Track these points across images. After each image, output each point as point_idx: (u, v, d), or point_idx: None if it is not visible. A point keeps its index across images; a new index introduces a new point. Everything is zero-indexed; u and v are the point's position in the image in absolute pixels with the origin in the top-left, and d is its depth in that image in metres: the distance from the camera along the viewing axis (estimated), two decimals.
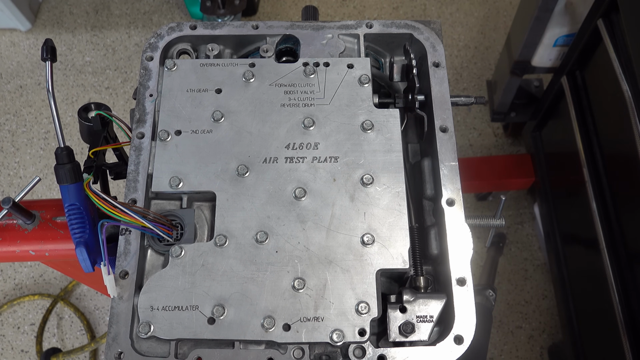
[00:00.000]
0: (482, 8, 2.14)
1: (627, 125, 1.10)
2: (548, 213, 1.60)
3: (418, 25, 0.82)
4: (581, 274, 1.44)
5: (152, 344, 0.67)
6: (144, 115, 0.76)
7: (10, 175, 1.96)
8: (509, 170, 1.72)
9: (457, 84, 2.01)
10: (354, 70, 0.78)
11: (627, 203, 1.20)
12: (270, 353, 0.64)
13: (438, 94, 0.76)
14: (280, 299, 0.66)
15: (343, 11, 2.17)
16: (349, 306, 0.65)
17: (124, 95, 2.07)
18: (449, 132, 0.74)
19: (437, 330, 0.68)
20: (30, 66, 2.12)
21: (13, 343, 1.74)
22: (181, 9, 2.21)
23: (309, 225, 0.69)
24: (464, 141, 1.92)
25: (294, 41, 0.82)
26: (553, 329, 1.67)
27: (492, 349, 1.66)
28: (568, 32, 1.38)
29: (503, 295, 1.71)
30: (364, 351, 0.65)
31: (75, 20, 2.20)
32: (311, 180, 0.71)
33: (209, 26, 0.82)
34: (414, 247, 0.71)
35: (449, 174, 0.72)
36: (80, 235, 0.69)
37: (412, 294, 0.67)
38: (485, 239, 1.59)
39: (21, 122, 2.04)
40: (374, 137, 0.74)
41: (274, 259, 0.67)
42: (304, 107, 0.76)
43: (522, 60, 1.50)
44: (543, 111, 1.59)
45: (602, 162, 1.29)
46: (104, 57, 2.13)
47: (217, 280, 0.66)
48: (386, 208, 0.70)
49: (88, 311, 1.77)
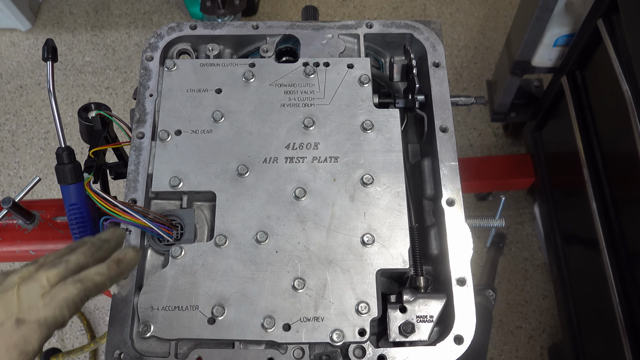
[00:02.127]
0: (482, 8, 2.14)
1: (627, 125, 1.10)
2: (548, 213, 1.60)
3: (418, 25, 0.82)
4: (581, 274, 1.44)
5: (152, 344, 0.67)
6: (144, 115, 0.76)
7: (10, 175, 1.96)
8: (509, 170, 1.72)
9: (457, 84, 2.01)
10: (354, 70, 0.78)
11: (627, 203, 1.20)
12: (270, 353, 0.64)
13: (438, 94, 0.76)
14: (280, 299, 0.66)
15: (343, 11, 2.17)
16: (349, 306, 0.65)
17: (124, 95, 2.07)
18: (449, 132, 0.74)
19: (437, 330, 0.68)
20: (30, 66, 2.12)
21: None
22: (181, 9, 2.21)
23: (309, 225, 0.69)
24: (464, 141, 1.92)
25: (294, 41, 0.82)
26: (553, 329, 1.67)
27: (492, 349, 1.66)
28: (568, 32, 1.38)
29: (503, 295, 1.71)
30: (364, 351, 0.65)
31: (75, 20, 2.20)
32: (311, 180, 0.71)
33: (209, 26, 0.82)
34: (414, 247, 0.71)
35: (449, 174, 0.72)
36: (80, 234, 0.69)
37: (412, 294, 0.67)
38: (485, 239, 1.59)
39: (21, 122, 2.04)
40: (374, 137, 0.74)
41: (274, 259, 0.67)
42: (304, 107, 0.76)
43: (522, 60, 1.50)
44: (543, 111, 1.59)
45: (602, 162, 1.29)
46: (104, 57, 2.13)
47: (217, 280, 0.66)
48: (386, 208, 0.70)
49: (88, 311, 1.77)
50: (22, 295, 0.48)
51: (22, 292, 0.48)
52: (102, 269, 0.53)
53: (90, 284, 0.51)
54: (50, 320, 0.48)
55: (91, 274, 0.52)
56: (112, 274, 0.53)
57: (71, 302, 0.49)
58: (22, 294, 0.48)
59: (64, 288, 0.49)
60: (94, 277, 0.52)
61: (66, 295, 0.49)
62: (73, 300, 0.49)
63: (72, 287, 0.50)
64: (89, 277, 0.51)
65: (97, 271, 0.52)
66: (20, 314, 0.47)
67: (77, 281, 0.50)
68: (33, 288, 0.49)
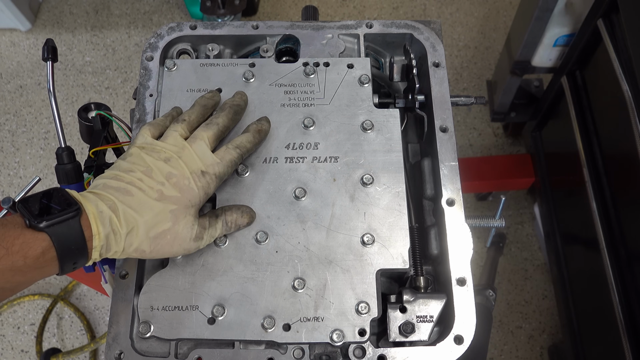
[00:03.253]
0: (482, 8, 2.14)
1: (627, 125, 1.10)
2: (548, 213, 1.60)
3: (418, 25, 0.82)
4: (581, 274, 1.44)
5: (152, 344, 0.67)
6: (144, 115, 0.76)
7: (10, 175, 1.97)
8: (509, 170, 1.72)
9: (457, 84, 2.01)
10: (354, 70, 0.78)
11: (627, 203, 1.20)
12: (270, 353, 0.64)
13: (438, 94, 0.76)
14: (280, 299, 0.66)
15: (343, 11, 2.18)
16: (349, 306, 0.65)
17: (124, 95, 2.08)
18: (449, 132, 0.74)
19: (437, 330, 0.68)
20: (30, 66, 2.12)
21: (13, 343, 1.74)
22: (181, 9, 2.21)
23: (309, 225, 0.69)
24: (464, 141, 1.92)
25: (294, 41, 0.82)
26: (553, 329, 1.67)
27: (492, 349, 1.66)
28: (568, 32, 1.38)
29: (503, 295, 1.71)
30: (364, 351, 0.65)
31: (75, 20, 2.20)
32: (311, 180, 0.71)
33: (209, 26, 0.82)
34: (414, 247, 0.71)
35: (449, 174, 0.72)
36: None
37: (412, 294, 0.67)
38: (485, 239, 1.59)
39: (21, 122, 2.04)
40: (374, 137, 0.74)
41: (274, 259, 0.67)
42: (304, 107, 0.76)
43: (522, 60, 1.50)
44: (543, 111, 1.59)
45: (602, 162, 1.29)
46: (104, 57, 2.14)
47: (217, 280, 0.66)
48: (386, 208, 0.70)
49: (88, 311, 1.77)
50: (198, 153, 0.63)
51: (197, 151, 0.63)
52: (250, 137, 0.68)
53: (244, 150, 0.67)
54: (222, 174, 0.64)
55: (244, 142, 0.67)
56: (256, 141, 0.69)
57: (233, 162, 0.65)
58: (198, 152, 0.63)
59: (228, 152, 0.65)
60: (246, 144, 0.67)
61: (231, 158, 0.65)
62: (234, 161, 0.65)
63: (234, 151, 0.65)
64: (243, 144, 0.67)
65: (247, 139, 0.67)
66: (203, 167, 0.63)
67: (236, 147, 0.66)
68: (202, 148, 0.64)
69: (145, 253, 0.60)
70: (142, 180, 0.60)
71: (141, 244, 0.59)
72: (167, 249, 0.61)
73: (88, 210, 0.55)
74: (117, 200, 0.57)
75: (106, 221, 0.56)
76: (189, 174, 0.61)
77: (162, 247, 0.60)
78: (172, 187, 0.60)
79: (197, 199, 0.62)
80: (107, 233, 0.56)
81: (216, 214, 0.65)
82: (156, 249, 0.60)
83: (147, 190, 0.59)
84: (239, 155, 0.66)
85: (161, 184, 0.60)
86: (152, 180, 0.60)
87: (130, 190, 0.59)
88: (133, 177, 0.60)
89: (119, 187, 0.59)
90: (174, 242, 0.61)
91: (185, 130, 0.65)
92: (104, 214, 0.56)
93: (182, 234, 0.61)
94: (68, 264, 0.55)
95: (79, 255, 0.55)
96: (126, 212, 0.57)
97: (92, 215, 0.55)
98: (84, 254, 0.55)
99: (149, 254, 0.60)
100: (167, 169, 0.61)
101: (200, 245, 0.64)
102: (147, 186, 0.59)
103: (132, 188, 0.59)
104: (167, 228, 0.59)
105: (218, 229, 0.65)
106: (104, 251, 0.57)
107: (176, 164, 0.62)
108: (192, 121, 0.67)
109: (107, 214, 0.56)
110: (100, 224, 0.55)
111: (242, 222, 0.67)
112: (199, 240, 0.63)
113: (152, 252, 0.60)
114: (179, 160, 0.62)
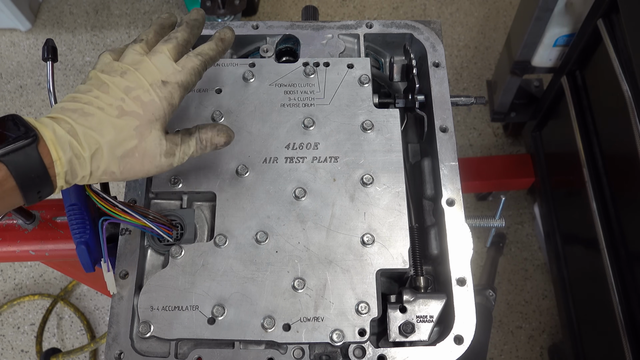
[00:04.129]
0: (482, 8, 2.14)
1: (627, 125, 1.10)
2: (548, 213, 1.60)
3: (418, 25, 0.82)
4: (581, 274, 1.44)
5: (152, 344, 0.67)
6: None
7: None
8: (509, 170, 1.72)
9: (457, 84, 2.01)
10: (354, 70, 0.78)
11: (627, 203, 1.20)
12: (270, 353, 0.64)
13: (438, 94, 0.76)
14: (280, 299, 0.66)
15: (343, 11, 2.17)
16: (349, 306, 0.65)
17: None
18: (449, 132, 0.74)
19: (437, 330, 0.68)
20: (30, 66, 2.12)
21: (13, 343, 1.74)
22: (181, 9, 2.21)
23: (309, 225, 0.69)
24: (464, 141, 1.92)
25: (294, 41, 0.82)
26: (553, 329, 1.67)
27: (492, 349, 1.66)
28: (568, 32, 1.38)
29: (503, 295, 1.71)
30: (364, 351, 0.65)
31: (75, 20, 2.20)
32: (311, 180, 0.71)
33: (209, 26, 0.82)
34: (414, 247, 0.71)
35: (449, 174, 0.72)
36: (80, 235, 0.69)
37: (412, 294, 0.67)
38: (485, 239, 1.59)
39: None
40: (374, 137, 0.74)
41: (274, 259, 0.67)
42: (304, 107, 0.76)
43: (522, 60, 1.50)
44: (543, 111, 1.59)
45: (602, 162, 1.29)
46: None
47: (217, 280, 0.66)
48: (386, 208, 0.70)
49: (88, 311, 1.77)
50: (157, 65, 0.60)
51: (156, 63, 0.60)
52: (212, 45, 0.65)
53: (207, 57, 0.63)
54: (185, 83, 0.61)
55: (206, 49, 0.64)
56: (220, 49, 0.66)
57: (197, 70, 0.62)
58: (156, 64, 0.60)
59: (189, 59, 0.62)
60: (208, 51, 0.64)
61: (193, 65, 0.62)
62: (198, 69, 0.62)
63: (195, 59, 0.62)
64: (205, 52, 0.63)
65: (209, 47, 0.64)
66: (164, 77, 0.60)
67: (198, 54, 0.63)
68: (162, 59, 0.60)
69: (116, 174, 0.58)
70: (99, 98, 0.57)
71: (109, 165, 0.57)
72: (138, 167, 0.59)
73: (45, 136, 0.53)
74: (75, 122, 0.55)
75: (66, 145, 0.54)
76: (148, 86, 0.59)
77: (132, 167, 0.58)
78: (132, 101, 0.58)
79: (160, 111, 0.59)
80: (69, 158, 0.54)
81: (190, 132, 0.63)
82: (126, 169, 0.58)
83: (106, 108, 0.57)
84: (201, 63, 0.62)
85: (121, 99, 0.57)
86: (110, 97, 0.57)
87: (89, 110, 0.56)
88: (90, 96, 0.57)
89: (76, 109, 0.56)
90: (144, 159, 0.59)
91: (143, 48, 0.62)
92: (63, 139, 0.54)
93: (151, 151, 0.59)
94: (31, 193, 0.53)
95: (41, 183, 0.53)
96: (86, 133, 0.55)
97: (50, 140, 0.53)
98: (47, 182, 0.53)
99: (120, 175, 0.58)
100: (125, 83, 0.58)
101: (174, 163, 0.62)
102: (105, 104, 0.57)
103: (90, 108, 0.56)
104: (134, 145, 0.57)
105: (192, 146, 0.62)
106: (70, 178, 0.55)
107: (133, 76, 0.59)
108: (150, 40, 0.63)
109: (65, 138, 0.54)
110: (60, 148, 0.53)
111: (218, 141, 0.64)
112: (170, 157, 0.61)
113: (123, 173, 0.58)
114: (136, 73, 0.59)
